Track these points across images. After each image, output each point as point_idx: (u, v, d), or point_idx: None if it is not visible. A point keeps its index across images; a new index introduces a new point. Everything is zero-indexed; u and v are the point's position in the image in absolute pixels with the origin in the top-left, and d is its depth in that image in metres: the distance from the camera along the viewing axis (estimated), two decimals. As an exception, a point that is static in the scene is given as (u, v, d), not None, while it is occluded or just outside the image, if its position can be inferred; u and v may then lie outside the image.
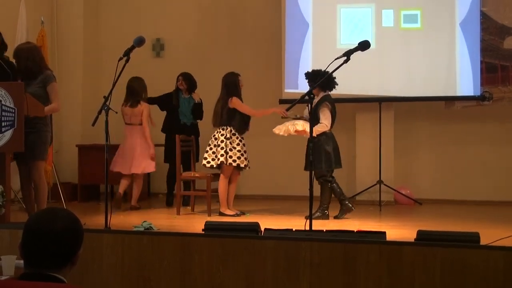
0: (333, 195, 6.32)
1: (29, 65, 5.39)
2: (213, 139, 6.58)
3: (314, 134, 6.06)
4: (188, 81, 7.60)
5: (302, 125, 6.13)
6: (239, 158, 6.48)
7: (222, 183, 6.52)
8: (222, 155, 6.47)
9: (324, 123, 6.22)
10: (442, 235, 4.08)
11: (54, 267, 1.98)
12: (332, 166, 6.28)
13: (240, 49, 8.69)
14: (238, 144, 6.51)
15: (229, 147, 6.48)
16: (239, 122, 6.53)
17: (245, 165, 6.56)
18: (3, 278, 3.03)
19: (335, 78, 6.19)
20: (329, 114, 6.28)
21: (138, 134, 7.18)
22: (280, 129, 6.24)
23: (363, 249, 4.04)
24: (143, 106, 7.23)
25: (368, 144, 7.92)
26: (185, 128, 7.50)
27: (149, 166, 7.25)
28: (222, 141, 6.50)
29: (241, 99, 6.61)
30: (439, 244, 3.93)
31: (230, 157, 6.46)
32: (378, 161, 7.66)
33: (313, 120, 6.07)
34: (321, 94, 6.32)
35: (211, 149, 6.55)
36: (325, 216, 6.21)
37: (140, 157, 7.20)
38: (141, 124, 7.17)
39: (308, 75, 6.39)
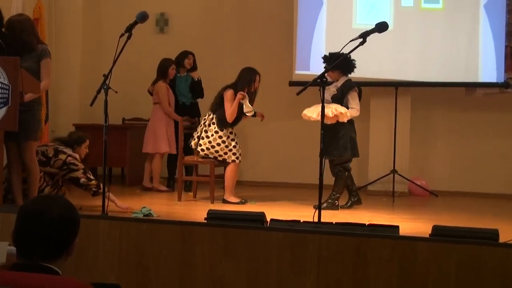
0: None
1: (23, 38, 5.35)
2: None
3: (345, 120, 6.10)
4: (195, 60, 7.66)
5: (344, 108, 6.10)
6: (207, 149, 6.53)
7: (230, 170, 6.53)
8: (193, 140, 6.65)
9: (356, 108, 6.24)
10: (458, 231, 4.06)
11: (49, 257, 1.98)
12: (357, 154, 6.31)
13: (248, 26, 8.65)
14: (212, 135, 6.54)
15: (202, 135, 6.58)
16: (223, 114, 6.54)
17: (214, 157, 6.57)
18: (-6, 265, 3.04)
19: (354, 61, 6.22)
20: (358, 99, 6.29)
21: (156, 112, 7.53)
22: (312, 112, 6.17)
23: (374, 243, 4.03)
24: (157, 86, 7.52)
25: (382, 131, 7.89)
26: (184, 108, 7.55)
27: (163, 146, 7.45)
28: (200, 126, 6.67)
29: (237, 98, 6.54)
30: (455, 240, 3.92)
31: (200, 145, 6.58)
32: (393, 150, 7.63)
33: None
34: (343, 78, 6.31)
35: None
36: (335, 207, 6.21)
37: (153, 137, 7.45)
38: (158, 103, 7.50)
39: (326, 59, 6.33)
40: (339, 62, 6.03)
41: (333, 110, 6.06)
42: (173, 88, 7.66)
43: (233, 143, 6.55)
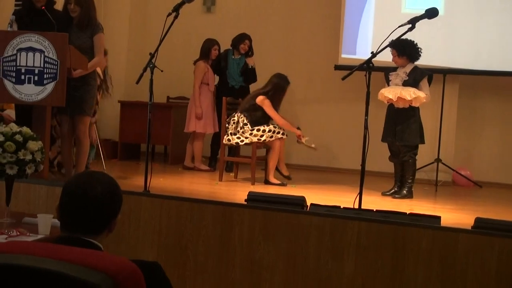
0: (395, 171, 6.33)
1: (81, 14, 5.42)
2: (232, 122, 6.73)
3: (417, 104, 6.11)
4: (251, 45, 7.67)
5: (423, 93, 6.07)
6: (254, 137, 6.58)
7: (274, 152, 6.58)
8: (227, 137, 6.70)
9: (428, 94, 6.19)
10: (502, 224, 4.00)
11: (91, 232, 2.03)
12: (424, 140, 6.31)
13: (296, 8, 8.59)
14: (251, 134, 6.60)
15: (240, 136, 6.64)
16: (259, 117, 6.64)
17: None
18: (39, 237, 3.12)
19: (420, 49, 6.23)
20: (428, 86, 6.26)
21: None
22: (389, 92, 6.14)
23: (415, 233, 4.01)
24: (196, 66, 7.52)
25: (428, 118, 7.75)
26: (233, 91, 7.54)
27: (190, 125, 7.47)
28: (230, 124, 6.72)
29: (274, 105, 6.69)
30: (499, 234, 3.87)
31: (242, 141, 6.62)
32: (438, 138, 7.53)
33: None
34: (410, 65, 6.24)
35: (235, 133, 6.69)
36: (411, 195, 6.16)
37: (190, 116, 7.50)
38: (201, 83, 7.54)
39: (393, 44, 6.22)
40: (405, 50, 6.11)
41: (411, 93, 6.02)
42: (224, 70, 7.66)
43: (272, 126, 6.60)
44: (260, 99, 6.65)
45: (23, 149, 3.42)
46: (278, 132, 6.60)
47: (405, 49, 6.13)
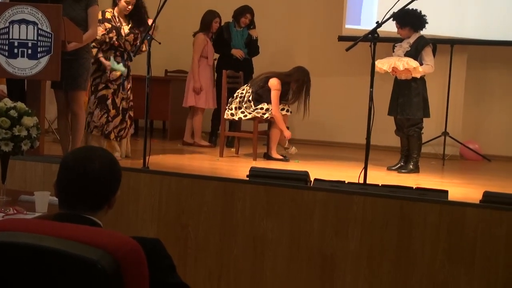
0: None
1: None
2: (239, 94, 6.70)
3: (418, 75, 6.08)
4: (253, 18, 7.62)
5: (416, 63, 6.03)
6: (257, 113, 6.57)
7: (276, 127, 6.60)
8: (230, 111, 6.68)
9: (430, 65, 6.15)
10: (511, 198, 4.02)
11: (90, 209, 2.03)
12: (428, 114, 6.26)
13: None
14: (254, 110, 6.58)
15: (244, 110, 6.62)
16: (265, 96, 6.59)
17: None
18: (37, 215, 3.13)
19: (425, 16, 6.19)
20: (432, 56, 6.22)
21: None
22: (384, 64, 6.12)
23: (421, 208, 4.03)
24: (195, 38, 7.48)
25: (435, 90, 7.74)
26: (237, 64, 7.51)
27: (188, 100, 7.47)
28: (235, 98, 6.71)
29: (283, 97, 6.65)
30: (507, 208, 3.88)
31: (245, 116, 6.62)
32: (445, 110, 7.54)
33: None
34: (415, 35, 6.21)
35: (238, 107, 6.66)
36: (417, 169, 6.18)
37: (188, 90, 7.48)
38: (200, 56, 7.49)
39: (396, 16, 6.18)
40: (406, 20, 6.06)
41: (405, 63, 5.99)
42: (227, 42, 7.62)
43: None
44: (273, 83, 6.58)
45: (18, 125, 3.42)
46: (283, 109, 6.60)
47: (405, 19, 6.10)
